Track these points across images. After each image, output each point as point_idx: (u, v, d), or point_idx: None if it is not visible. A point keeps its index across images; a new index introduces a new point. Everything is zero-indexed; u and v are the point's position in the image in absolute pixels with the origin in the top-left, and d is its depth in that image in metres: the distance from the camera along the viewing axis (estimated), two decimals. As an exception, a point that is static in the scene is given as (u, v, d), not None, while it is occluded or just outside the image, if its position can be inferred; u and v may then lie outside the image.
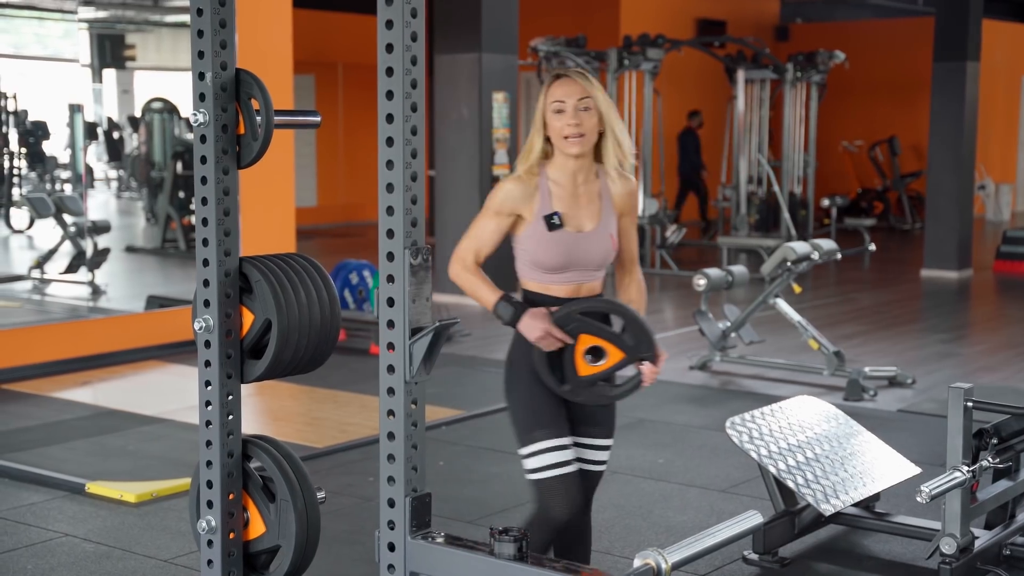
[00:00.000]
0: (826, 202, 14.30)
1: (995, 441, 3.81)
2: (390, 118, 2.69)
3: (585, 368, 3.13)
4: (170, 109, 11.85)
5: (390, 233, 2.71)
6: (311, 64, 15.78)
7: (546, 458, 3.16)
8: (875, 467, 4.34)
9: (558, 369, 3.16)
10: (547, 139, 3.19)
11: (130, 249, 11.21)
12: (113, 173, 12.60)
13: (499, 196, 3.19)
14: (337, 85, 16.62)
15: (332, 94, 16.61)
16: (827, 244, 7.32)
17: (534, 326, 3.10)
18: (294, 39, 8.19)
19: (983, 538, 3.85)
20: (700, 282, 7.21)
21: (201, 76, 2.87)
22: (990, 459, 3.77)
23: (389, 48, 2.67)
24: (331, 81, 16.58)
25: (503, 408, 6.30)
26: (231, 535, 2.92)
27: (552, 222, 3.15)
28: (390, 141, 2.69)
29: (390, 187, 2.70)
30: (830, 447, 4.33)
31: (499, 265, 3.71)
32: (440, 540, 2.71)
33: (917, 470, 4.44)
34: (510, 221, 3.20)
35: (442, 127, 10.11)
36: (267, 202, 7.86)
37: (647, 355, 3.08)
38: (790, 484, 4.04)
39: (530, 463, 3.18)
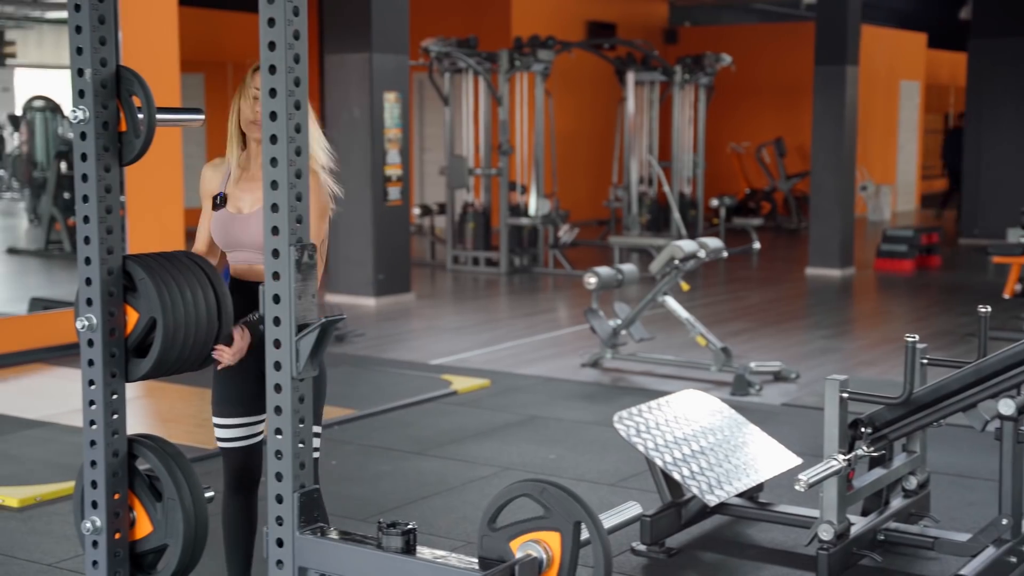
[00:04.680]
0: (715, 202, 14.56)
1: (869, 431, 3.95)
2: (273, 115, 2.70)
3: None
4: (52, 108, 11.56)
5: (275, 230, 2.71)
6: (201, 63, 15.55)
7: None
8: (759, 459, 4.46)
9: None
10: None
11: (12, 251, 10.92)
12: (-7, 173, 12.26)
13: (201, 182, 3.38)
14: (227, 84, 16.40)
15: (222, 93, 16.37)
16: (713, 242, 7.47)
17: None
18: (183, 38, 8.08)
19: (859, 524, 3.99)
20: (591, 281, 7.31)
21: (80, 72, 2.84)
22: (865, 448, 3.92)
23: (271, 46, 2.68)
24: (221, 80, 16.35)
25: (395, 407, 6.34)
26: (117, 535, 2.89)
27: (215, 201, 3.29)
28: (274, 139, 2.70)
29: (274, 184, 2.71)
30: (715, 439, 4.43)
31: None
32: (329, 535, 2.72)
33: (799, 460, 4.57)
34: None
35: (334, 127, 10.05)
36: (155, 202, 7.75)
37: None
38: (676, 476, 4.14)
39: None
